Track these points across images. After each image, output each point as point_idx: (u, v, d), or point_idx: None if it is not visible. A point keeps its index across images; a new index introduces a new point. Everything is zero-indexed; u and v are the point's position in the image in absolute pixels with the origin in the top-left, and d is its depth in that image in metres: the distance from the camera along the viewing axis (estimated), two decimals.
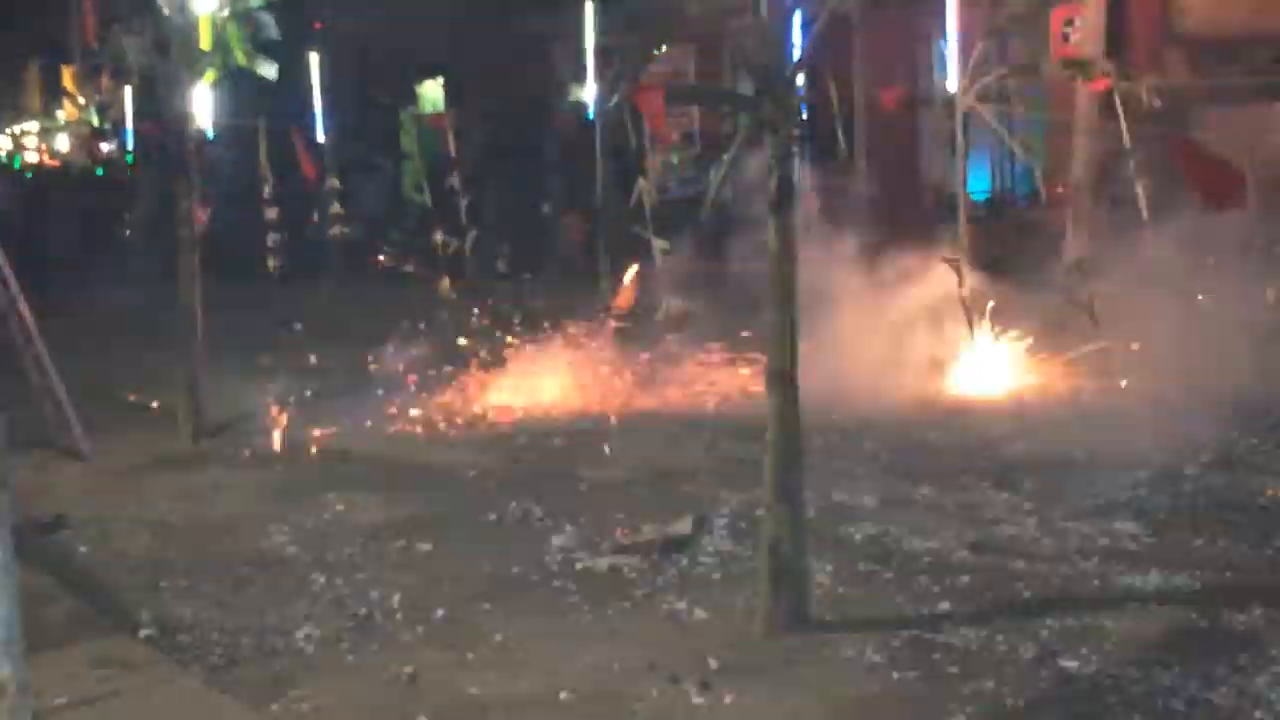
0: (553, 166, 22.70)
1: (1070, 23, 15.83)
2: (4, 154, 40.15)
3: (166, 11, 9.73)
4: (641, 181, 11.83)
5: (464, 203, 15.07)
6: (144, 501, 8.16)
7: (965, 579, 6.11)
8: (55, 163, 36.16)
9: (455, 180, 15.43)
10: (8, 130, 40.66)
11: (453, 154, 15.89)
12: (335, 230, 18.22)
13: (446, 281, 13.58)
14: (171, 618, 6.03)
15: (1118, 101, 11.53)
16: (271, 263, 18.83)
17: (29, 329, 9.18)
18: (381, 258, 17.53)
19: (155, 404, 10.72)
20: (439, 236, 13.74)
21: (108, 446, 9.46)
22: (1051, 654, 5.19)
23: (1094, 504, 7.21)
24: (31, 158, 39.44)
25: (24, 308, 9.17)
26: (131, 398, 11.24)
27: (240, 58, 10.23)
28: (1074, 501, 7.26)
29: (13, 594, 2.65)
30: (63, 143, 37.74)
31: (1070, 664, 5.10)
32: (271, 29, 10.22)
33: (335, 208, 17.80)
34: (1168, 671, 4.97)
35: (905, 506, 7.36)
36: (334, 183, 17.81)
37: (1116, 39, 14.16)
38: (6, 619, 2.63)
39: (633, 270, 11.04)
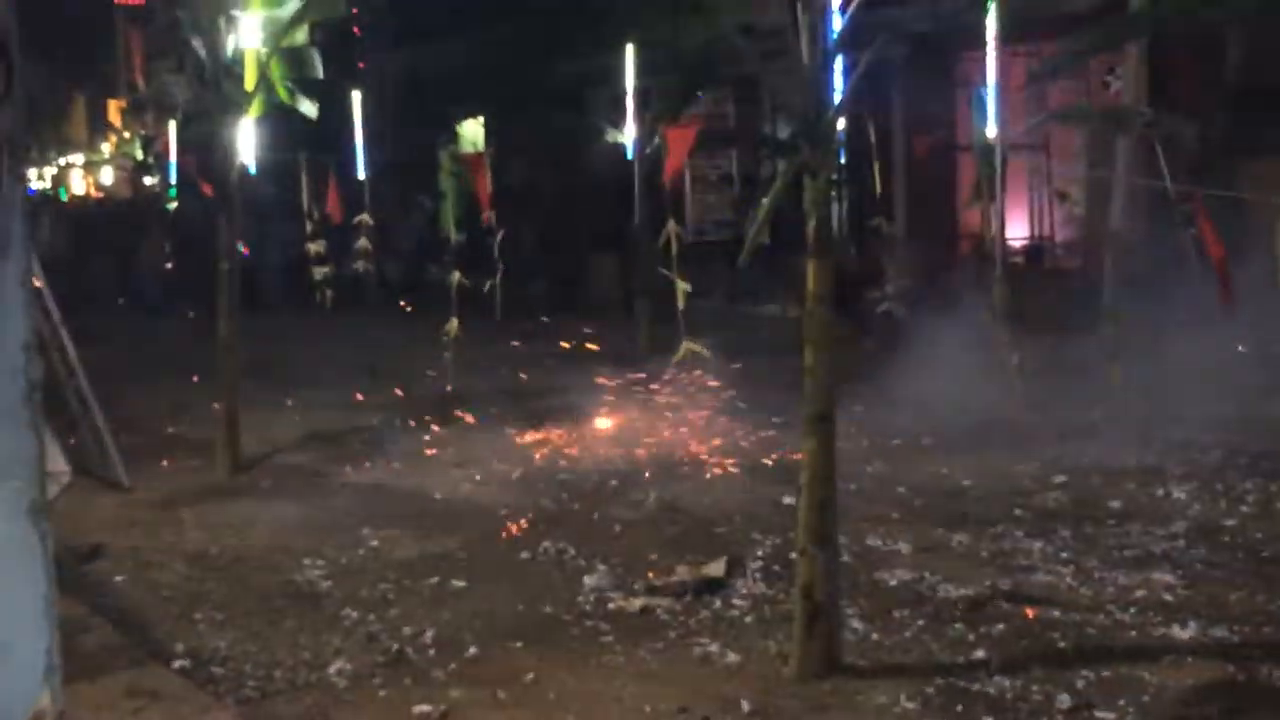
0: (588, 208, 22.78)
1: (1111, 71, 15.83)
2: (49, 186, 40.62)
3: (209, 49, 9.84)
4: (671, 223, 11.84)
5: (496, 241, 15.12)
6: (180, 533, 8.21)
7: (1000, 627, 6.07)
8: (100, 194, 36.59)
9: (491, 219, 15.50)
10: (54, 163, 41.13)
11: (488, 193, 15.97)
12: (359, 265, 18.31)
13: (454, 322, 13.63)
14: (205, 649, 6.06)
15: (1159, 151, 11.51)
16: (317, 296, 18.98)
17: (70, 360, 9.26)
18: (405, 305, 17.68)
19: (193, 436, 10.78)
20: (458, 277, 13.77)
21: (146, 477, 9.52)
22: (1088, 705, 5.15)
23: (1131, 554, 7.16)
24: (78, 189, 39.92)
25: (66, 338, 9.24)
26: (170, 429, 11.32)
27: (283, 94, 10.35)
28: (1110, 551, 7.21)
29: (54, 623, 2.67)
30: (107, 175, 38.19)
31: (1107, 715, 5.06)
32: (316, 68, 10.33)
33: (363, 244, 17.87)
34: None
35: (940, 553, 7.32)
36: (366, 219, 17.89)
37: (1158, 88, 14.12)
38: (48, 648, 2.65)
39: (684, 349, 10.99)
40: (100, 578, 7.24)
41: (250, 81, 9.96)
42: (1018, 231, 18.43)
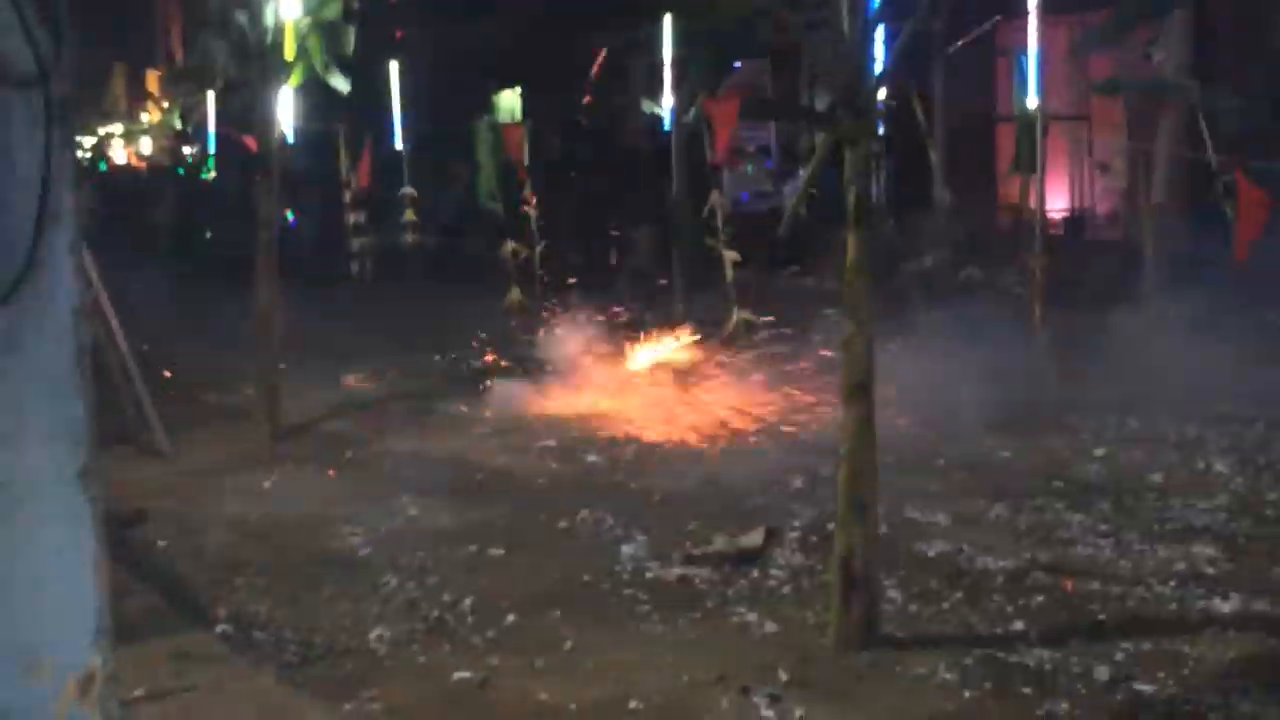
0: (627, 178, 22.74)
1: (1154, 41, 15.69)
2: (89, 155, 40.81)
3: (250, 20, 9.87)
4: (715, 194, 11.81)
5: (531, 212, 15.17)
6: (221, 500, 8.27)
7: (1039, 599, 6.06)
8: (142, 164, 36.77)
9: (527, 190, 15.54)
10: (94, 133, 41.31)
11: (525, 164, 15.99)
12: (409, 238, 18.39)
13: (516, 291, 13.66)
14: (247, 614, 6.11)
15: (1201, 122, 11.42)
16: (354, 268, 19.08)
17: (112, 329, 9.33)
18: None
19: (233, 404, 10.86)
20: (512, 248, 13.82)
21: (187, 445, 9.60)
22: (1127, 677, 5.14)
23: (1171, 527, 7.13)
24: (118, 158, 40.09)
25: (107, 307, 9.31)
26: (211, 398, 11.41)
27: (320, 67, 10.39)
28: (1150, 524, 7.18)
29: (104, 585, 2.70)
30: (147, 145, 38.35)
31: (1146, 688, 5.04)
32: (349, 43, 10.35)
33: (409, 215, 17.93)
34: (1246, 698, 4.90)
35: (978, 525, 7.31)
36: (410, 191, 17.95)
37: (1201, 58, 14.00)
38: (99, 609, 2.68)
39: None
40: (144, 543, 7.31)
41: (290, 52, 9.99)
42: (1058, 203, 18.33)
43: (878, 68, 7.52)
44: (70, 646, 2.65)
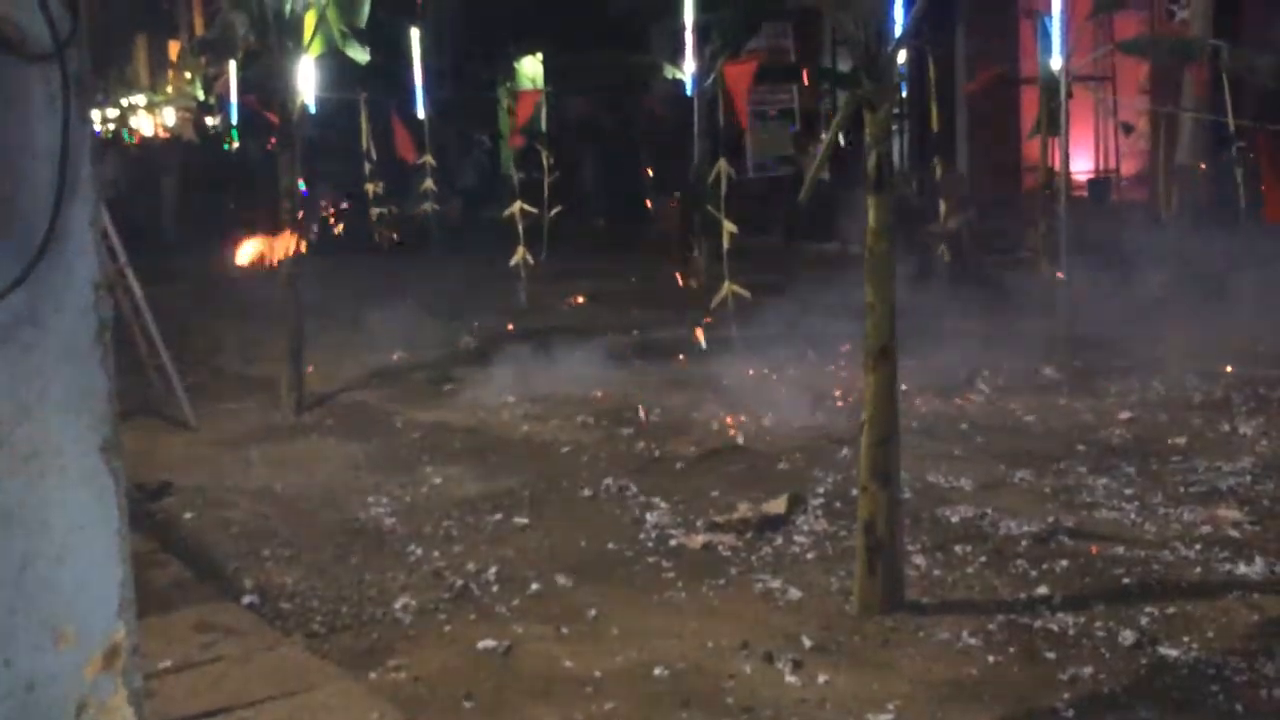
0: (647, 145, 22.68)
1: (1177, 0, 15.54)
2: (112, 126, 40.89)
3: None
4: (721, 162, 11.73)
5: (546, 179, 15.14)
6: (247, 471, 8.31)
7: (1063, 563, 6.05)
8: (166, 134, 36.86)
9: (548, 157, 15.51)
10: (118, 104, 41.41)
11: (544, 131, 15.95)
12: (427, 206, 18.39)
13: (521, 251, 13.63)
14: (273, 585, 6.15)
15: (1225, 83, 11.31)
16: (377, 237, 19.10)
17: (136, 300, 9.37)
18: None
19: (258, 375, 10.91)
20: (519, 206, 13.79)
21: (212, 417, 9.65)
22: (1151, 641, 5.13)
23: (1196, 490, 7.10)
24: (145, 129, 40.16)
25: (132, 278, 9.35)
26: (236, 369, 11.46)
27: (338, 38, 10.39)
28: (1175, 487, 7.16)
29: (127, 557, 2.72)
30: (169, 116, 38.42)
31: (1171, 651, 5.04)
32: (363, 15, 10.33)
33: (428, 184, 17.92)
34: (1271, 661, 4.89)
35: (1002, 489, 7.29)
36: (428, 159, 17.93)
37: (1226, 18, 13.85)
38: (122, 581, 2.70)
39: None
40: (169, 515, 7.36)
41: (309, 23, 10.00)
42: (1082, 165, 18.20)
43: (898, 30, 7.48)
44: (94, 618, 2.67)
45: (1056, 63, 11.82)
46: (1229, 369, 9.66)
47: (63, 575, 2.63)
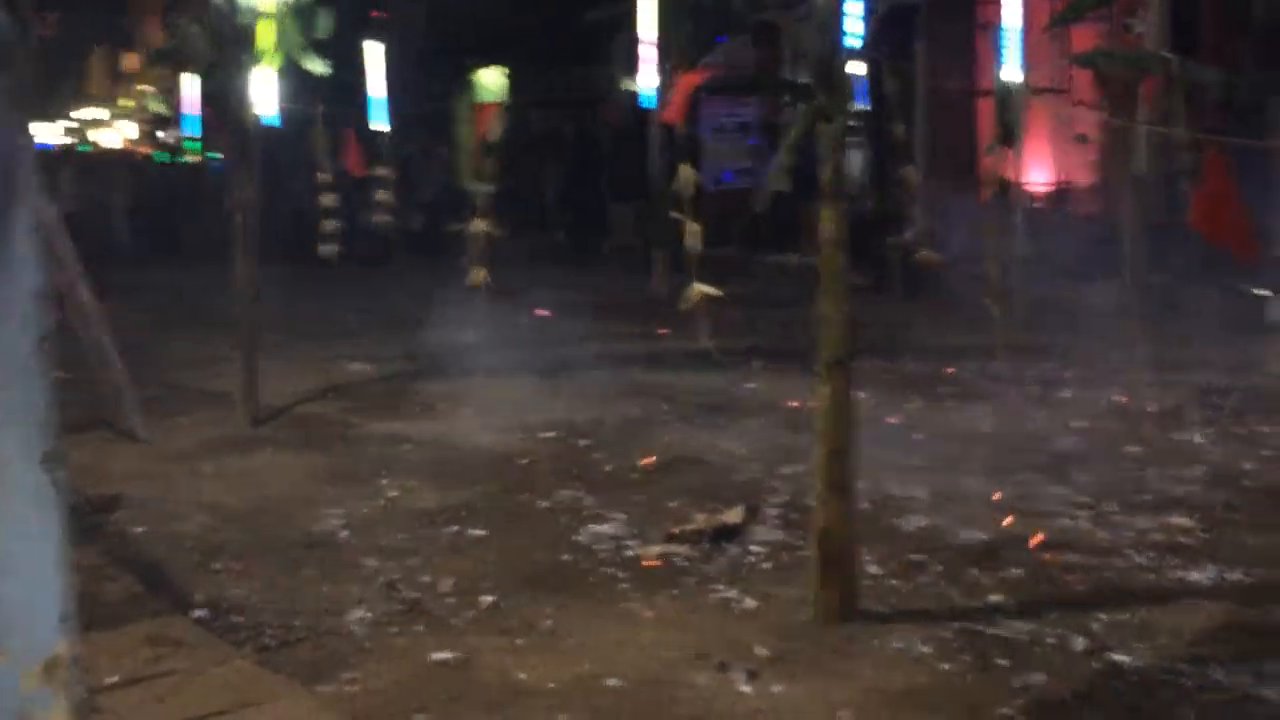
0: (607, 156, 22.70)
1: (1134, 13, 15.65)
2: (71, 140, 40.60)
3: (227, 3, 9.83)
4: (683, 168, 11.75)
5: (487, 193, 15.09)
6: (200, 484, 8.24)
7: (1017, 572, 6.08)
8: (123, 147, 36.63)
9: (501, 168, 15.47)
10: (74, 117, 41.14)
11: (499, 143, 15.91)
12: (382, 219, 18.28)
13: (482, 272, 13.59)
14: (225, 598, 6.10)
15: (1181, 97, 11.38)
16: (326, 250, 18.96)
17: (89, 312, 9.28)
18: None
19: (212, 388, 10.83)
20: (483, 226, 13.73)
21: (165, 429, 9.56)
22: (1103, 647, 5.16)
23: (1149, 498, 7.15)
24: (104, 142, 39.88)
25: (85, 291, 9.27)
26: (189, 382, 11.37)
27: (296, 52, 10.36)
28: (1128, 495, 7.20)
29: (68, 571, 2.69)
30: (126, 130, 38.20)
31: (1122, 658, 5.06)
32: (325, 27, 10.30)
33: (383, 196, 17.83)
34: (1221, 667, 4.93)
35: (956, 499, 7.32)
36: (381, 171, 17.84)
37: (1182, 31, 13.96)
38: (63, 593, 2.67)
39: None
40: (120, 528, 7.28)
41: (266, 35, 9.96)
42: (1040, 176, 18.33)
43: (854, 42, 7.52)
44: (35, 630, 2.63)
45: (1012, 75, 11.90)
46: (1181, 378, 9.73)
47: (3, 586, 2.60)
